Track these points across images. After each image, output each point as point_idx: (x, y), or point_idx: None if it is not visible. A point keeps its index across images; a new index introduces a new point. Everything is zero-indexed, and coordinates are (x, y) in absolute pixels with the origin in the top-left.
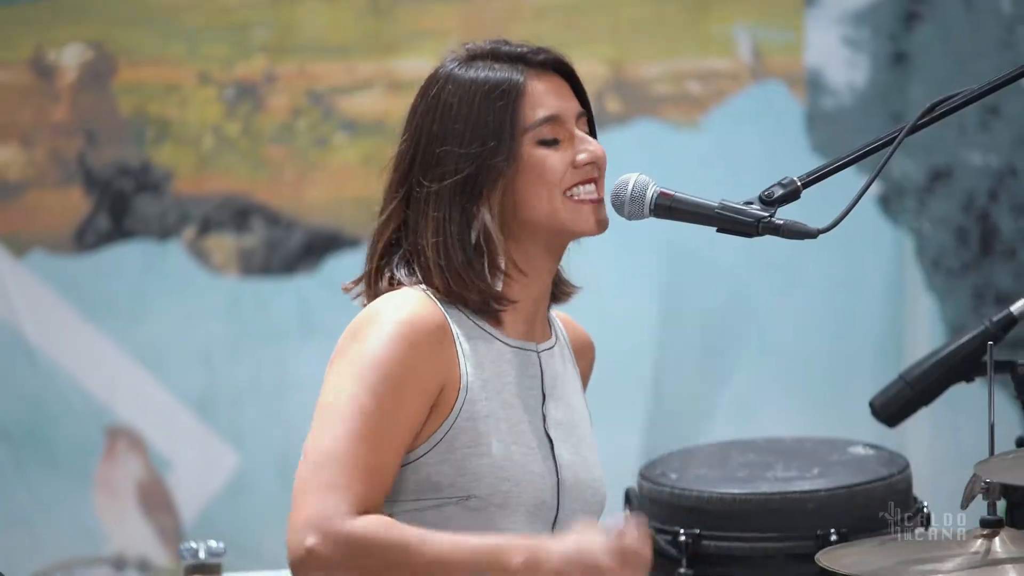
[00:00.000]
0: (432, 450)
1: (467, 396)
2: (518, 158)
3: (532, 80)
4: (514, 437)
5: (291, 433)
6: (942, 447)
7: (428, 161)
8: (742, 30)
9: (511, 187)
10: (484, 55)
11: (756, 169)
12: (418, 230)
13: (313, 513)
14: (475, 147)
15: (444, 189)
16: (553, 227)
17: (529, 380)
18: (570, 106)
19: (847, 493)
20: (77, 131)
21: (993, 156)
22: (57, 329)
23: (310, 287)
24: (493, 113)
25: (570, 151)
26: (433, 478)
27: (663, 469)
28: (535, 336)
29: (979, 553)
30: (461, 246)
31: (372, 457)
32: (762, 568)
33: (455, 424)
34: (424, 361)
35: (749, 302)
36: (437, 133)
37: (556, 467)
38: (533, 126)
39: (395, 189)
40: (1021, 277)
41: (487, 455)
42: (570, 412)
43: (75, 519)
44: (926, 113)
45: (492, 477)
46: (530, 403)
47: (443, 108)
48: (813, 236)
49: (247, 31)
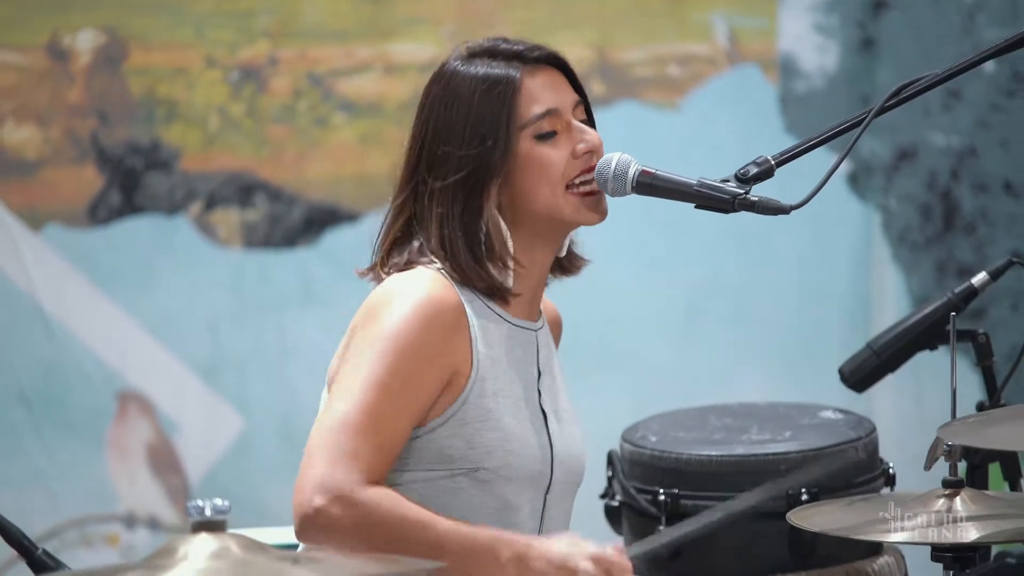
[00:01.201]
0: (445, 424)
1: (479, 374)
2: (516, 154)
3: (528, 76)
4: (516, 412)
5: (292, 397)
6: (907, 412)
7: (432, 159)
8: (719, 17)
9: (512, 182)
10: (481, 53)
11: (732, 148)
12: (424, 224)
13: (324, 476)
14: (475, 145)
15: (447, 187)
16: (555, 219)
17: (528, 359)
18: (566, 97)
19: (817, 455)
20: (90, 112)
21: (955, 137)
22: (71, 299)
23: (310, 259)
24: (491, 110)
25: (569, 142)
26: (446, 450)
27: (644, 432)
28: (533, 316)
29: (941, 512)
30: (465, 241)
31: (384, 430)
32: (738, 525)
33: (468, 400)
34: (441, 341)
35: (725, 275)
36: (440, 131)
37: (550, 440)
38: (530, 122)
39: (404, 183)
40: (981, 251)
41: (496, 430)
42: (556, 387)
43: (89, 479)
44: (892, 96)
45: (500, 450)
46: (528, 380)
47: (444, 106)
48: (786, 212)
49: (251, 17)
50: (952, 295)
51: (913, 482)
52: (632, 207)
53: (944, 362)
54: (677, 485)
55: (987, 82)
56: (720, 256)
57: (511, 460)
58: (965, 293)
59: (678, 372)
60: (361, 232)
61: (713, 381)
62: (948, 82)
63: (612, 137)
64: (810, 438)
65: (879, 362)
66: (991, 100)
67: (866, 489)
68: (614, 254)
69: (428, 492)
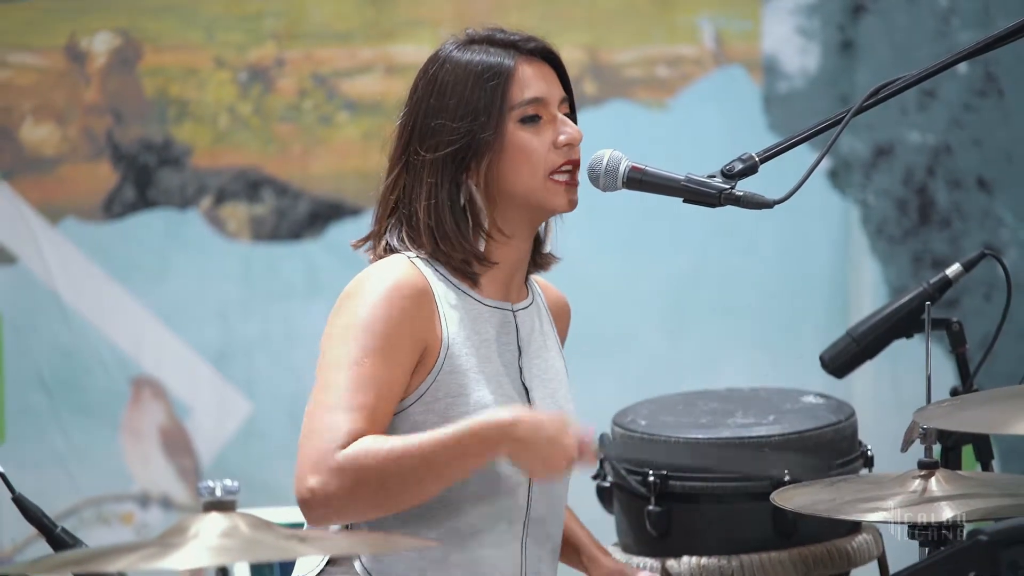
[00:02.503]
0: (418, 400)
1: (449, 351)
2: (504, 135)
3: (522, 64)
4: (493, 388)
5: (299, 382)
6: (884, 396)
7: (425, 132)
8: (705, 20)
9: (496, 162)
10: (481, 40)
11: (718, 146)
12: (413, 194)
13: (311, 456)
14: (466, 122)
15: (438, 159)
16: (530, 203)
17: (506, 337)
18: (554, 91)
19: (799, 438)
20: (106, 111)
21: (930, 135)
22: (88, 289)
23: (315, 251)
24: (484, 92)
25: (551, 132)
26: (420, 426)
27: (634, 416)
28: (511, 297)
29: (916, 492)
30: (451, 209)
31: (366, 400)
32: (723, 505)
33: (438, 377)
34: (408, 320)
35: (712, 266)
36: (434, 107)
37: None
38: (519, 104)
39: (397, 157)
40: (955, 244)
41: (467, 404)
42: (545, 366)
43: (105, 460)
44: (870, 96)
45: None
46: (507, 357)
47: (440, 85)
48: (769, 206)
49: (259, 20)
50: (927, 285)
51: (890, 464)
52: (622, 201)
53: (920, 349)
54: (666, 466)
55: (961, 83)
56: (707, 248)
57: None
58: (940, 284)
59: (667, 359)
60: (364, 225)
61: (700, 367)
62: (923, 82)
63: (603, 135)
64: (792, 422)
65: (858, 349)
66: (964, 100)
67: (846, 470)
68: (604, 246)
69: None
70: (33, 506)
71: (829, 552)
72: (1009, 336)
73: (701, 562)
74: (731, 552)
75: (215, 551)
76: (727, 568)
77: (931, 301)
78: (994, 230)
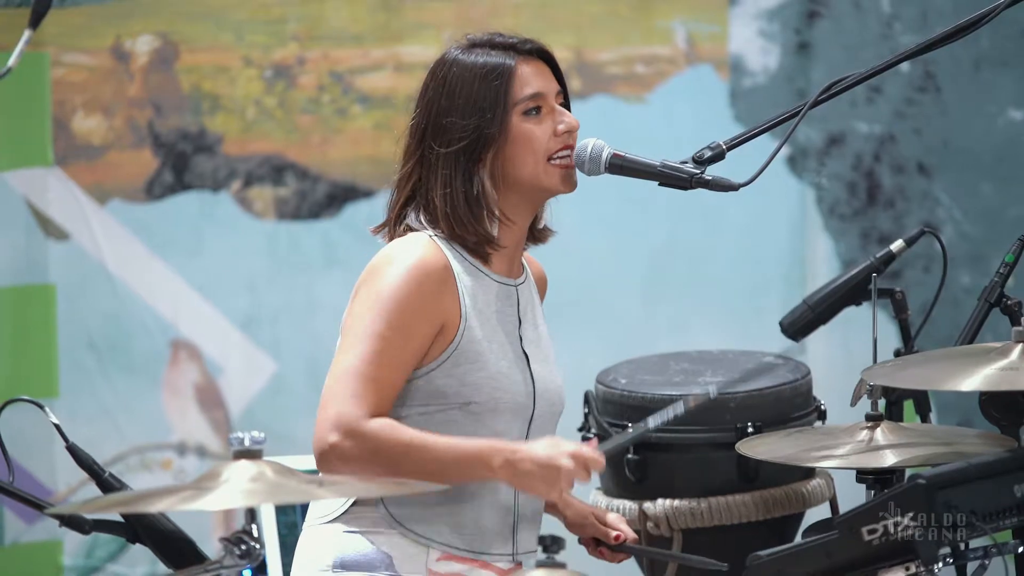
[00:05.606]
0: (440, 367)
1: (467, 324)
2: (509, 127)
3: (521, 64)
4: (501, 354)
5: (318, 345)
6: (836, 357)
7: (437, 129)
8: (679, 24)
9: (503, 152)
10: (482, 44)
11: (690, 135)
12: (430, 185)
13: (335, 416)
14: (475, 118)
15: (451, 153)
16: (535, 186)
17: (509, 309)
18: (551, 85)
19: (761, 394)
20: (147, 104)
21: (876, 126)
22: (132, 262)
23: (333, 229)
24: (490, 90)
25: (551, 122)
26: (441, 389)
27: (615, 375)
28: (513, 273)
29: (864, 441)
30: (464, 198)
31: (384, 374)
32: (694, 454)
33: (458, 347)
34: (430, 297)
35: (683, 242)
36: (444, 107)
37: (532, 378)
38: (521, 100)
39: (411, 152)
40: (899, 222)
41: (483, 370)
42: (537, 334)
43: (147, 413)
44: (824, 91)
45: (488, 387)
46: (509, 327)
47: (449, 86)
48: (735, 189)
49: (282, 24)
50: (874, 259)
51: (841, 416)
52: (605, 184)
53: (867, 315)
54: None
55: (903, 79)
56: (679, 226)
57: (498, 395)
58: (885, 257)
59: (644, 324)
60: (376, 206)
61: (673, 332)
62: (870, 79)
63: (588, 126)
64: (755, 380)
65: (813, 316)
66: (906, 95)
67: (802, 423)
68: (589, 224)
69: (426, 425)
70: (84, 454)
71: (787, 495)
72: (945, 304)
73: (674, 504)
74: (701, 495)
75: (244, 494)
76: (697, 509)
77: (877, 273)
78: (932, 210)
